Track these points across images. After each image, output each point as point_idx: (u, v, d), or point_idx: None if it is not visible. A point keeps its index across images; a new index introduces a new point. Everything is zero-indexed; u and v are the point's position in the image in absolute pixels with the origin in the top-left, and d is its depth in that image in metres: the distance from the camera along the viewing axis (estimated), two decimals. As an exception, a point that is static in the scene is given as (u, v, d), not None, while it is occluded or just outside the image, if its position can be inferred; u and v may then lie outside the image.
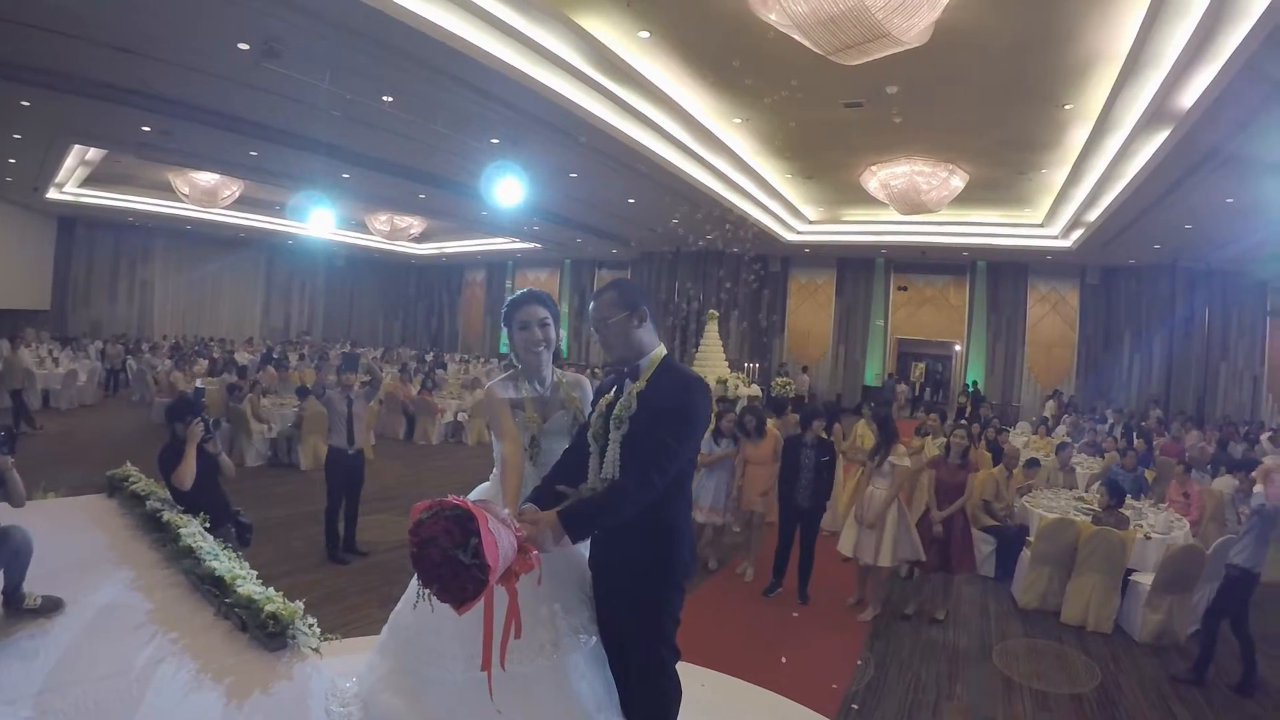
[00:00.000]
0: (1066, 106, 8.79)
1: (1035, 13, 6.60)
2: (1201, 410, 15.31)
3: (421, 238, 21.93)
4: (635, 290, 2.33)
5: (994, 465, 7.32)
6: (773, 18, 5.88)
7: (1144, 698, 4.48)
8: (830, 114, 9.39)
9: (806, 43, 6.03)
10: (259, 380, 10.77)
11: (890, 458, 5.40)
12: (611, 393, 2.32)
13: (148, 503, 3.59)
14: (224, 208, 15.84)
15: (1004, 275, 18.22)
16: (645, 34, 7.58)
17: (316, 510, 6.15)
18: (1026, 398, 18.04)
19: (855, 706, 4.06)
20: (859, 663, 4.66)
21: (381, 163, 12.17)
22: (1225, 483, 7.44)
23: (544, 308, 2.50)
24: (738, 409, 6.74)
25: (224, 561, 2.82)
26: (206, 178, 14.56)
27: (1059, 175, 11.54)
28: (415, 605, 1.87)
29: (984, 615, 5.76)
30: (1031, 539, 6.22)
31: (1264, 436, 12.31)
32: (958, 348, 19.23)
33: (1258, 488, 5.11)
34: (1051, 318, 18.14)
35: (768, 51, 7.36)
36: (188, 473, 3.74)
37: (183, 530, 3.15)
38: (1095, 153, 9.88)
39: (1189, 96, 7.07)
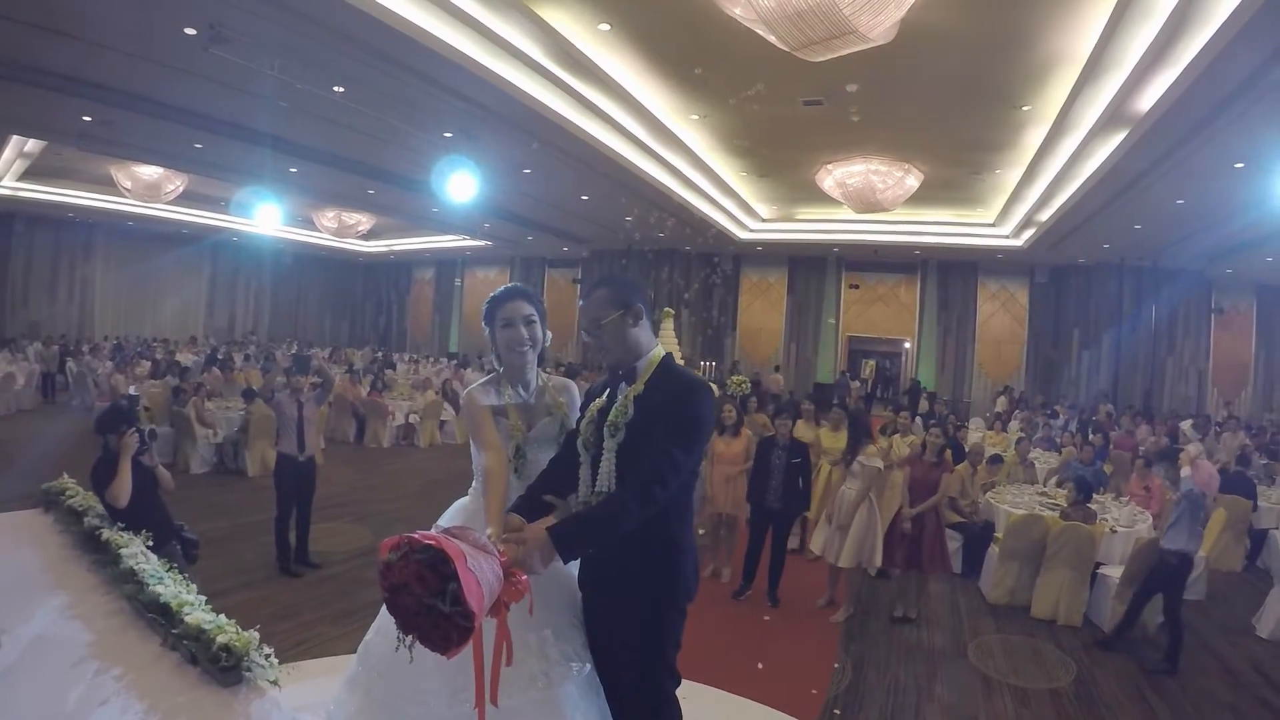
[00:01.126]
0: (1024, 108, 8.87)
1: (999, 14, 6.61)
2: (1149, 404, 15.78)
3: (370, 235, 21.39)
4: (629, 286, 2.15)
5: (955, 462, 7.36)
6: (738, 12, 5.77)
7: (1120, 689, 4.52)
8: (789, 111, 9.32)
9: (771, 38, 5.93)
10: (203, 383, 10.30)
11: (860, 457, 5.36)
12: (604, 396, 2.14)
13: (85, 519, 3.27)
14: (167, 203, 15.13)
15: (954, 273, 18.50)
16: (606, 26, 7.42)
17: (266, 519, 5.83)
18: (977, 393, 18.37)
19: (837, 712, 3.98)
20: (836, 666, 4.59)
21: (331, 157, 11.74)
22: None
23: (529, 304, 2.31)
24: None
25: (169, 586, 2.56)
26: (149, 171, 13.85)
27: (1013, 176, 11.69)
28: (396, 649, 1.65)
29: (955, 612, 5.76)
30: (999, 535, 6.25)
31: (1185, 424, 12.75)
32: (908, 345, 19.49)
33: (1185, 471, 5.38)
34: (1001, 315, 18.49)
35: (729, 47, 7.27)
36: (123, 489, 3.44)
37: (124, 551, 2.87)
38: (1051, 153, 10.02)
39: (1148, 99, 7.18)
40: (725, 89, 8.71)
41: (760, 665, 4.47)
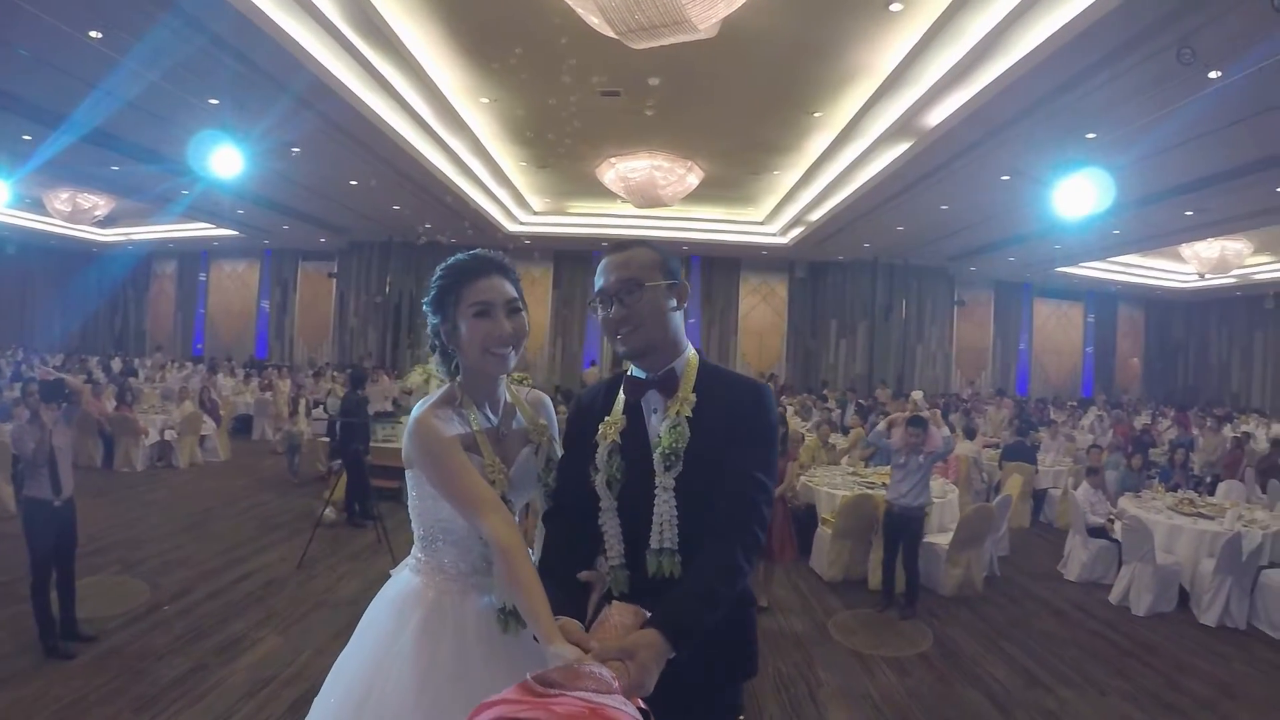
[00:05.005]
0: (816, 114, 9.36)
1: (814, 23, 6.87)
2: (901, 386, 17.87)
3: (106, 221, 18.11)
4: (673, 257, 1.67)
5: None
6: (573, -16, 5.49)
7: (976, 643, 4.94)
8: (583, 101, 9.05)
9: (594, 20, 5.69)
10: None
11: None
12: (620, 413, 1.63)
13: None
14: None
15: (718, 268, 19.45)
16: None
17: (10, 584, 4.56)
18: (742, 383, 19.74)
19: (742, 718, 3.87)
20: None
21: (74, 122, 9.57)
22: (967, 447, 8.59)
23: (509, 281, 1.66)
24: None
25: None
26: None
27: (790, 177, 12.33)
28: None
29: (800, 595, 5.93)
30: (827, 516, 6.58)
31: (879, 391, 14.82)
32: None
33: (892, 430, 5.84)
34: (762, 308, 19.77)
35: (535, 28, 6.92)
36: None
37: None
38: (832, 159, 10.75)
39: (937, 115, 7.97)
40: (522, 73, 8.28)
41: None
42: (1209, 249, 13.55)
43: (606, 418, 1.64)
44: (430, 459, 1.53)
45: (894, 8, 6.40)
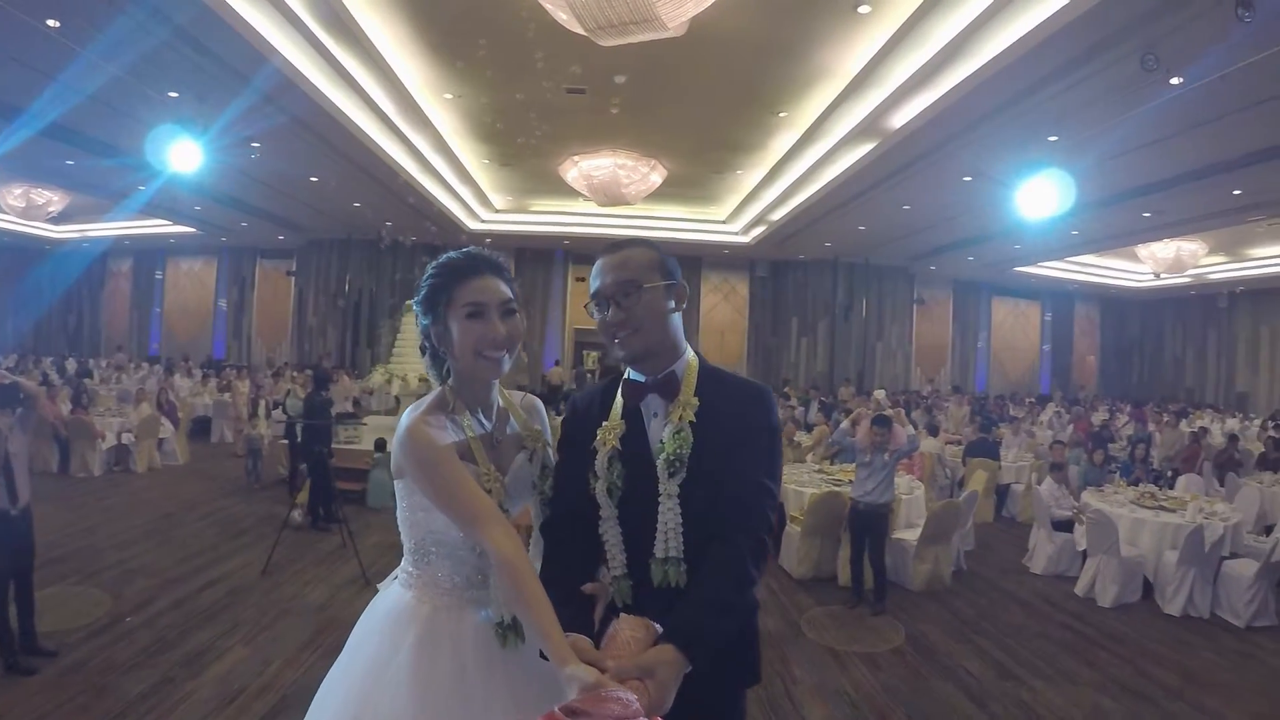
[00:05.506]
0: (781, 114, 9.47)
1: (782, 24, 6.97)
2: (862, 384, 18.14)
3: (60, 218, 17.55)
4: (671, 257, 1.63)
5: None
6: (545, -20, 5.46)
7: (948, 637, 5.02)
8: (547, 99, 9.06)
9: (564, 15, 5.68)
10: None
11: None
12: (618, 418, 1.58)
13: None
14: None
15: (679, 266, 19.62)
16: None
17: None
18: (702, 380, 19.88)
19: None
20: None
21: (30, 114, 9.24)
22: (931, 443, 8.75)
23: (503, 281, 1.58)
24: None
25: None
26: None
27: (754, 177, 12.48)
28: None
29: (770, 592, 5.93)
30: (795, 514, 6.63)
31: (842, 389, 14.96)
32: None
33: (856, 427, 5.93)
34: (723, 306, 19.98)
35: (503, 24, 6.91)
36: None
37: None
38: (795, 159, 10.90)
39: (902, 117, 8.11)
40: (488, 69, 8.24)
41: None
42: (1165, 249, 14.00)
43: (605, 422, 1.59)
44: (424, 469, 1.45)
45: (862, 10, 6.49)
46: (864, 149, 9.46)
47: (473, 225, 16.31)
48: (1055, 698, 4.14)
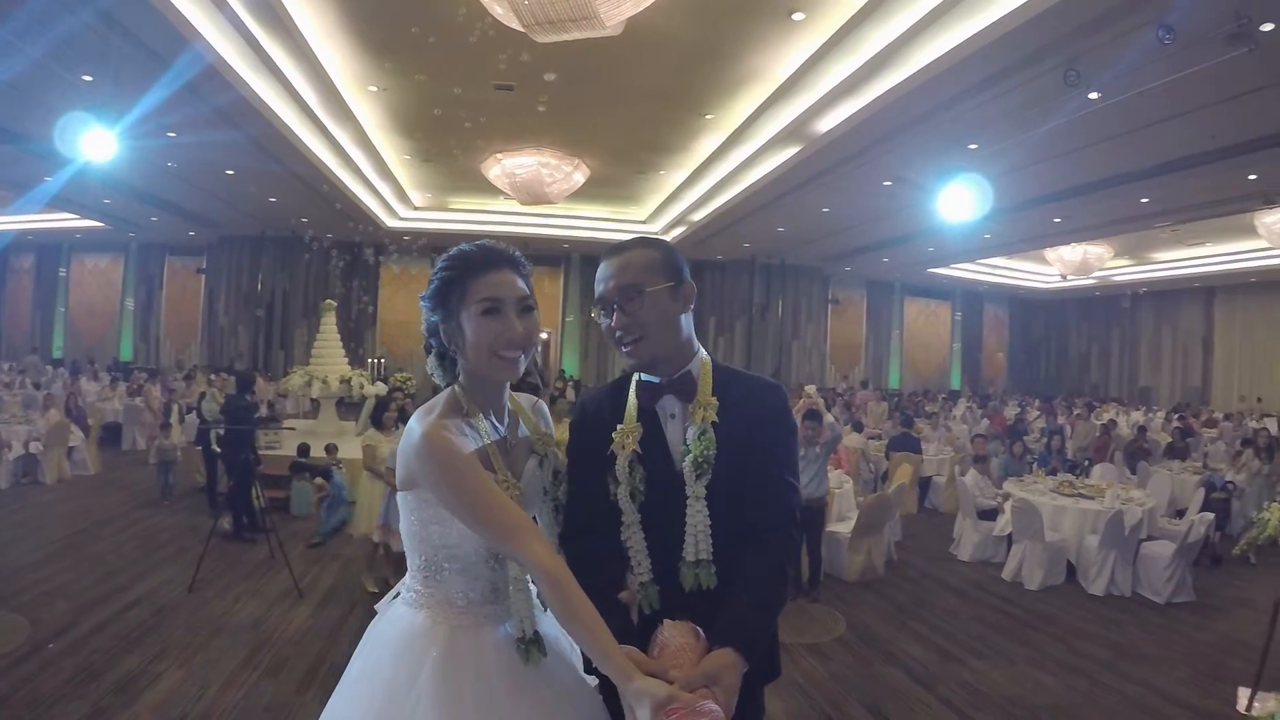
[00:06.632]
0: (708, 116, 9.54)
1: (715, 28, 7.02)
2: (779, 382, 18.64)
3: (-44, 213, 16.06)
4: (679, 254, 1.57)
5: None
6: (484, -27, 5.34)
7: (886, 624, 5.18)
8: (473, 94, 8.87)
9: (500, 9, 5.58)
10: None
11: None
12: (634, 420, 1.52)
13: None
14: None
15: (596, 266, 19.65)
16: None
17: None
18: (619, 380, 20.11)
19: None
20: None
21: None
22: (855, 439, 9.03)
23: (520, 276, 1.48)
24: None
25: None
26: None
27: (676, 177, 12.57)
28: None
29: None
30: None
31: (809, 388, 15.26)
32: (545, 335, 20.08)
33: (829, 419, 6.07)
34: None
35: (434, 17, 6.75)
36: None
37: None
38: (719, 160, 11.01)
39: (828, 122, 8.31)
40: (415, 62, 8.02)
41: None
42: (1072, 253, 14.92)
43: (620, 426, 1.52)
44: (449, 480, 1.32)
45: (796, 17, 6.62)
46: (789, 152, 9.63)
47: (391, 223, 15.89)
48: (996, 676, 4.33)
